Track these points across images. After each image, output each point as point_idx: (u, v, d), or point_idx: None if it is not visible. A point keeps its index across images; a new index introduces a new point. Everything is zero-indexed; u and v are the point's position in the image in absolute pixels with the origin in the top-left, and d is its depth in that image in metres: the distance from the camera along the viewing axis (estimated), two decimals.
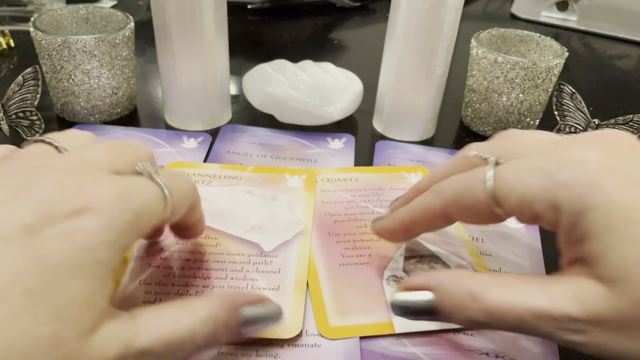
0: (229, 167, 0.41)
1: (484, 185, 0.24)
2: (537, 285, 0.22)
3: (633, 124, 0.43)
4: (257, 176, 0.41)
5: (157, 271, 0.32)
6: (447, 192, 0.26)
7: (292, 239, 0.35)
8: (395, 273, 0.32)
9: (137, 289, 0.30)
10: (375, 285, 0.32)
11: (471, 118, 0.50)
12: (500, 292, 0.22)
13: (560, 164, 0.22)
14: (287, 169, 0.42)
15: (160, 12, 0.42)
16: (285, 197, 0.39)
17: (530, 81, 0.44)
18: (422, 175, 0.42)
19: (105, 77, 0.45)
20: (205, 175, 0.40)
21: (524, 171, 0.23)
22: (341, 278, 0.32)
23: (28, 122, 0.43)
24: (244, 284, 0.31)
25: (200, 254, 0.33)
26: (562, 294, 0.21)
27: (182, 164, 0.42)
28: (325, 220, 0.37)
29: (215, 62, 0.44)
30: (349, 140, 0.46)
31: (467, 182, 0.25)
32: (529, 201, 0.22)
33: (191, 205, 0.28)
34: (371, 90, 0.51)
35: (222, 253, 0.33)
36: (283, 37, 0.69)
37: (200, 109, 0.46)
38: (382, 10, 0.79)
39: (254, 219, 0.36)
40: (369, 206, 0.38)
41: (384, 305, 0.30)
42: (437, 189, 0.27)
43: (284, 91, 0.45)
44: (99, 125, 0.46)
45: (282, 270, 0.33)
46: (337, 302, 0.31)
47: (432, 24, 0.41)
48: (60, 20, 0.48)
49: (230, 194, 0.38)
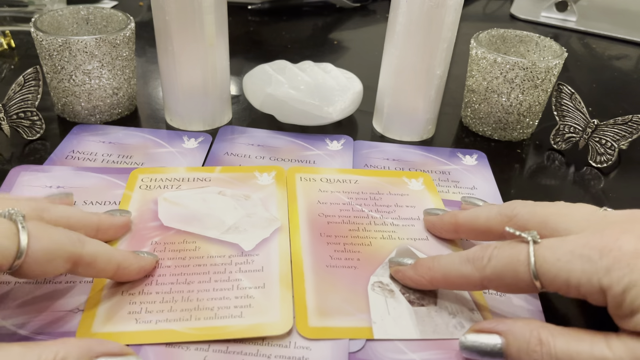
0: (197, 169, 0.41)
1: (527, 267, 0.26)
2: (600, 338, 0.25)
3: (632, 124, 0.43)
4: (227, 176, 0.40)
5: (138, 281, 0.31)
6: (487, 268, 0.28)
7: (270, 236, 0.35)
8: (381, 279, 0.32)
9: (121, 300, 0.30)
10: (360, 290, 0.32)
11: (471, 118, 0.50)
12: (567, 339, 0.25)
13: (600, 251, 0.25)
14: (256, 167, 0.42)
15: (161, 12, 0.42)
16: (257, 195, 0.39)
17: (529, 81, 0.45)
18: (424, 182, 0.41)
19: (106, 78, 0.45)
20: (174, 179, 0.40)
21: (566, 257, 0.25)
22: (326, 279, 0.32)
23: (29, 122, 0.43)
24: (228, 285, 0.31)
25: (180, 260, 0.33)
26: (622, 348, 0.24)
27: (150, 169, 0.41)
28: (319, 221, 0.37)
29: (216, 63, 0.44)
30: (348, 142, 0.46)
31: (508, 262, 0.27)
32: (574, 285, 0.25)
33: (69, 257, 0.27)
34: (371, 91, 0.51)
35: (203, 256, 0.33)
36: (283, 38, 0.69)
37: (200, 109, 0.46)
38: (382, 10, 0.79)
39: (230, 219, 0.36)
40: (364, 210, 0.38)
41: (366, 310, 0.30)
42: (475, 261, 0.28)
43: (284, 91, 0.46)
44: (100, 126, 0.47)
45: (266, 268, 0.33)
46: (319, 303, 0.31)
47: (432, 25, 0.42)
48: (61, 21, 0.48)
49: (201, 197, 0.38)
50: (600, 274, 0.24)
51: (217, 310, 0.30)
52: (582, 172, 0.45)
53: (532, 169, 0.46)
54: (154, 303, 0.30)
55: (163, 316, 0.29)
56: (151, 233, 0.35)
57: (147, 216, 0.36)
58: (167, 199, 0.38)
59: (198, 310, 0.30)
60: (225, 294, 0.31)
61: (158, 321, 0.29)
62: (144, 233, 0.35)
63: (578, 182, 0.44)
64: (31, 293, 0.30)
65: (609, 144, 0.45)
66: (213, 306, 0.30)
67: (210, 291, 0.31)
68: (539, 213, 0.29)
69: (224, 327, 0.29)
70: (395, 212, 0.38)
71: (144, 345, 0.28)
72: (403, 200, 0.39)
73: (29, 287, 0.31)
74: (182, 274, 0.32)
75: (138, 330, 0.29)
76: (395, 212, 0.38)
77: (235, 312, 0.30)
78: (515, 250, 0.27)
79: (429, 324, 0.30)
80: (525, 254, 0.26)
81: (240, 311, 0.30)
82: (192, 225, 0.36)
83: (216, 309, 0.30)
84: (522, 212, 0.30)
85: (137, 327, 0.29)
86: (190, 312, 0.30)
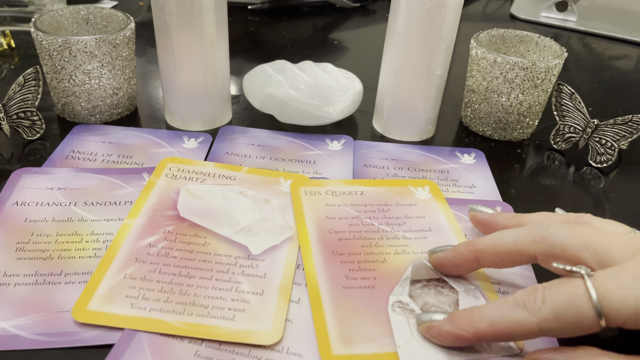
0: (225, 167, 0.41)
1: (589, 300, 0.24)
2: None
3: (632, 124, 0.43)
4: (252, 178, 0.41)
5: (143, 266, 0.32)
6: (543, 310, 0.25)
7: (280, 244, 0.35)
8: (400, 298, 0.31)
9: (121, 283, 0.31)
10: (381, 311, 0.30)
11: (471, 118, 0.50)
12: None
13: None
14: (282, 173, 0.41)
15: (161, 12, 0.42)
16: (277, 200, 0.38)
17: (529, 81, 0.45)
18: (430, 190, 0.40)
19: (106, 78, 0.45)
20: (200, 173, 0.40)
21: (631, 284, 0.24)
22: (345, 302, 0.31)
23: (29, 122, 0.43)
24: (228, 285, 0.31)
25: (188, 252, 0.33)
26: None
27: (180, 160, 0.42)
28: (330, 238, 0.36)
29: (216, 63, 0.44)
30: (348, 142, 0.46)
31: (567, 298, 0.25)
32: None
33: None
34: (371, 91, 0.51)
35: (210, 253, 0.33)
36: (283, 38, 0.69)
37: (200, 109, 0.46)
38: (382, 10, 0.79)
39: (245, 220, 0.36)
40: (374, 223, 0.37)
41: (389, 334, 0.29)
42: (528, 304, 0.26)
43: (284, 92, 0.46)
44: (100, 126, 0.47)
45: (268, 275, 0.32)
46: (340, 329, 0.29)
47: (432, 25, 0.42)
48: (61, 21, 0.48)
49: (222, 194, 0.38)
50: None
51: (211, 309, 0.30)
52: (582, 172, 0.45)
53: (532, 169, 0.46)
54: (153, 291, 0.30)
55: (158, 305, 0.30)
56: (166, 221, 0.35)
57: (166, 204, 0.37)
58: (189, 191, 0.38)
59: (192, 306, 0.30)
60: (223, 294, 0.31)
61: (152, 310, 0.29)
62: (159, 220, 0.35)
63: (578, 182, 0.44)
64: (30, 294, 0.30)
65: (609, 144, 0.45)
66: (208, 304, 0.30)
67: (209, 289, 0.31)
68: (577, 234, 0.27)
69: (214, 327, 0.29)
70: (405, 224, 0.37)
71: (140, 332, 0.28)
72: (412, 211, 0.38)
73: (28, 288, 0.31)
74: (185, 267, 0.32)
75: (131, 315, 0.29)
76: (406, 224, 0.37)
77: (228, 314, 0.30)
78: (571, 284, 0.25)
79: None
80: (582, 288, 0.24)
81: (233, 314, 0.30)
82: (206, 220, 0.36)
83: (210, 308, 0.30)
84: (558, 233, 0.28)
85: (131, 311, 0.29)
86: (185, 306, 0.30)
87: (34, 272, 0.32)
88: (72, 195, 0.38)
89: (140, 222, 0.35)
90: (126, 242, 0.33)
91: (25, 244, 0.33)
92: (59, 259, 0.33)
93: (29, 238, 0.34)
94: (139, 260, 0.32)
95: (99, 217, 0.36)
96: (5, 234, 0.34)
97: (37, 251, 0.33)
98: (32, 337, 0.28)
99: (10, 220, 0.35)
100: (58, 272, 0.32)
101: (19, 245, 0.33)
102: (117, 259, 0.32)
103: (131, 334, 0.28)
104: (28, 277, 0.31)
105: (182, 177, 0.40)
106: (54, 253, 0.33)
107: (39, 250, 0.33)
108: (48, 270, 0.32)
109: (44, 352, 0.28)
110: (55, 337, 0.28)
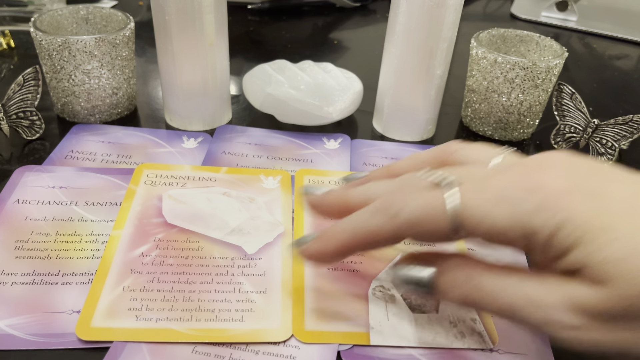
0: (203, 169, 0.41)
1: (446, 213, 0.23)
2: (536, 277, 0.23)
3: (632, 124, 0.43)
4: (232, 177, 0.40)
5: (140, 277, 0.31)
6: (400, 216, 0.24)
7: (273, 240, 0.35)
8: (383, 284, 0.32)
9: (121, 296, 0.30)
10: (361, 294, 0.32)
11: (471, 118, 0.50)
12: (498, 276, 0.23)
13: (524, 192, 0.22)
14: (262, 170, 0.41)
15: (161, 12, 0.42)
16: (262, 198, 0.38)
17: (530, 81, 0.44)
18: None
19: (106, 77, 0.45)
20: (179, 177, 0.40)
21: (490, 200, 0.23)
22: (327, 283, 0.32)
23: (28, 122, 0.43)
24: (230, 287, 0.31)
25: (183, 258, 0.33)
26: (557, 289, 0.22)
27: (155, 165, 0.41)
28: (324, 224, 0.36)
29: (216, 62, 0.44)
30: (345, 141, 0.46)
31: (425, 207, 0.24)
32: (502, 231, 0.22)
33: None
34: (371, 91, 0.51)
35: (205, 257, 0.33)
36: (283, 37, 0.69)
37: (200, 109, 0.46)
38: (382, 10, 0.79)
39: (234, 221, 0.36)
40: None
41: (365, 315, 0.30)
42: (386, 210, 0.25)
43: (284, 91, 0.46)
44: (99, 125, 0.46)
45: (268, 272, 0.33)
46: (317, 306, 0.30)
47: (432, 24, 0.42)
48: (60, 21, 0.48)
49: (206, 196, 0.38)
50: (530, 217, 0.22)
51: (218, 313, 0.30)
52: None
53: None
54: (155, 301, 0.30)
55: (164, 315, 0.29)
56: (155, 229, 0.35)
57: (151, 212, 0.36)
58: (172, 197, 0.38)
59: (199, 312, 0.30)
60: (227, 296, 0.31)
61: (159, 319, 0.29)
62: (147, 229, 0.35)
63: None
64: (27, 293, 0.30)
65: (610, 143, 0.45)
66: (214, 308, 0.30)
67: (211, 292, 0.31)
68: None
69: (224, 329, 0.29)
70: None
71: None
72: None
73: (25, 287, 0.31)
74: (184, 273, 0.32)
75: (138, 328, 0.29)
76: None
77: (237, 315, 0.30)
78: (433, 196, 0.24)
79: (429, 331, 0.30)
80: (442, 199, 0.23)
81: (242, 315, 0.30)
82: (195, 224, 0.36)
83: (217, 311, 0.30)
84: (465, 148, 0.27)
85: (137, 324, 0.29)
86: (191, 312, 0.30)
87: (32, 271, 0.31)
88: (73, 194, 0.38)
89: (127, 232, 0.34)
90: (117, 254, 0.33)
91: (24, 243, 0.33)
92: (57, 259, 0.33)
93: (29, 237, 0.34)
94: (135, 272, 0.32)
95: (98, 217, 0.36)
96: (5, 232, 0.34)
97: (36, 250, 0.33)
98: (26, 337, 0.28)
99: (10, 218, 0.35)
100: (56, 272, 0.32)
101: (18, 244, 0.33)
102: (112, 272, 0.32)
103: None
104: (25, 277, 0.31)
105: (161, 183, 0.39)
106: (53, 253, 0.33)
107: (37, 249, 0.33)
108: (46, 270, 0.32)
109: (44, 352, 0.28)
110: (50, 338, 0.28)
